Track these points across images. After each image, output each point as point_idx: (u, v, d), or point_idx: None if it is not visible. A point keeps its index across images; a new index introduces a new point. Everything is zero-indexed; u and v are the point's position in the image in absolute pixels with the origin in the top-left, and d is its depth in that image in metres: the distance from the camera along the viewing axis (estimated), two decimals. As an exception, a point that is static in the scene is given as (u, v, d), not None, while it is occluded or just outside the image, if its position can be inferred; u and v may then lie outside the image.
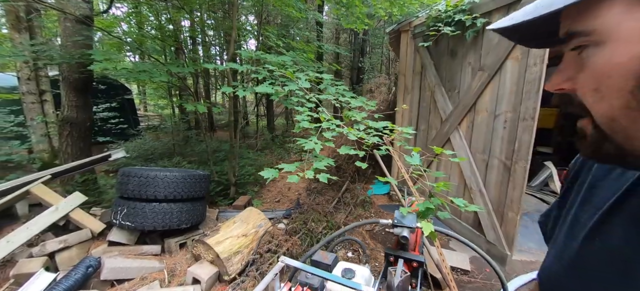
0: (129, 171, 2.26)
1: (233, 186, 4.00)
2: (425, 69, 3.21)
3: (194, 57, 6.77)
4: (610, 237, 0.36)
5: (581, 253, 0.38)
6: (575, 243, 0.39)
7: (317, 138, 1.66)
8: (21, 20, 4.50)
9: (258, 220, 2.75)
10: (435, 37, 2.79)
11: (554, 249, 0.44)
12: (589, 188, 0.43)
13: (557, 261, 0.42)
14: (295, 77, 2.21)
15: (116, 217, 2.25)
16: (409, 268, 1.38)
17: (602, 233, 0.37)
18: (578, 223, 0.41)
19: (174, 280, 2.16)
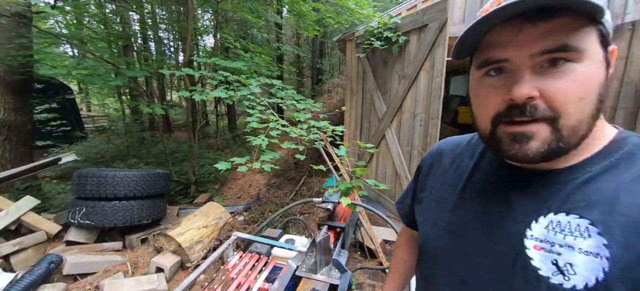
0: (87, 172, 2.35)
1: (193, 185, 4.13)
2: (366, 74, 3.73)
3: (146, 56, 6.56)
4: (471, 204, 0.47)
5: (451, 220, 0.48)
6: (445, 214, 0.50)
7: (265, 136, 2.00)
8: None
9: (218, 213, 3.00)
10: (369, 49, 3.30)
11: (428, 222, 0.54)
12: (443, 174, 0.56)
13: (433, 228, 0.52)
14: (248, 83, 2.52)
15: (74, 217, 2.34)
16: (334, 233, 1.83)
17: (465, 203, 0.48)
18: (443, 200, 0.52)
19: (138, 271, 2.34)
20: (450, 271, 0.47)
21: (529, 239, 0.39)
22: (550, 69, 0.35)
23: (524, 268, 0.38)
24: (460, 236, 0.46)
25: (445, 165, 0.56)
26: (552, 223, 0.38)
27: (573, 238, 0.36)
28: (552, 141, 0.36)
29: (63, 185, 4.18)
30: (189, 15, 3.36)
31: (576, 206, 0.37)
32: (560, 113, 0.35)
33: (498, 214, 0.43)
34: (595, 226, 0.36)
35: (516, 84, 0.36)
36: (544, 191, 0.40)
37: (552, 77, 0.35)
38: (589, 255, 0.35)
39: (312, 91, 10.84)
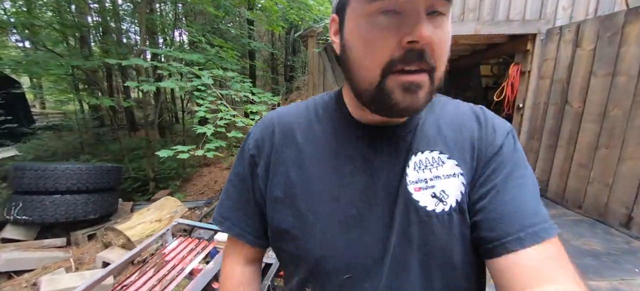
0: (24, 165, 2.23)
1: (152, 181, 4.02)
2: (325, 69, 3.85)
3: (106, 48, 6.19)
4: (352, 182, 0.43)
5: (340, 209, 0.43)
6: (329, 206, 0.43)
7: (214, 125, 2.03)
8: None
9: (174, 207, 2.96)
10: (324, 45, 3.42)
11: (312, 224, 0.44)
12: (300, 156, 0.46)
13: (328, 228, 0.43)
14: (201, 74, 2.52)
15: (10, 212, 2.21)
16: None
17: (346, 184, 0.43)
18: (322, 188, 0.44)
19: (82, 267, 2.26)
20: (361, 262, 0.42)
21: (409, 184, 0.42)
22: (435, 18, 0.34)
23: (416, 212, 0.41)
24: (357, 222, 0.42)
25: (300, 145, 0.46)
26: (417, 163, 0.42)
27: (436, 169, 0.42)
28: (431, 92, 0.37)
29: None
30: (141, 6, 3.26)
31: (425, 143, 0.43)
32: (437, 64, 0.35)
33: (382, 177, 0.43)
34: (443, 154, 0.42)
35: (422, 24, 0.32)
36: (403, 139, 0.44)
37: (436, 26, 0.33)
38: (450, 177, 0.41)
39: (286, 89, 10.83)
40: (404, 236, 0.41)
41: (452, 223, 0.40)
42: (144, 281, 1.27)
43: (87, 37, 6.29)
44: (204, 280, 1.28)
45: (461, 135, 0.44)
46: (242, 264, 0.54)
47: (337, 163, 0.44)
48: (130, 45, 7.81)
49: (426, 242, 0.41)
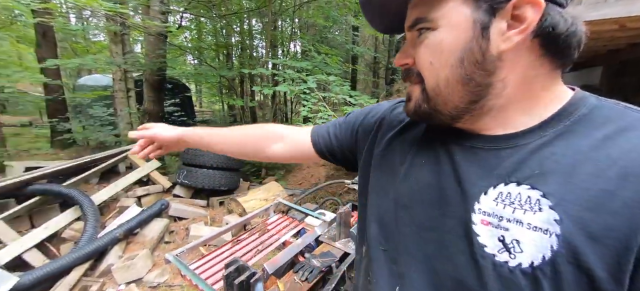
0: (188, 145, 3.19)
1: (264, 168, 4.84)
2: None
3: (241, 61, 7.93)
4: (421, 174, 0.43)
5: (402, 190, 0.44)
6: (395, 185, 0.46)
7: (313, 123, 2.31)
8: (117, 35, 5.97)
9: (277, 191, 3.50)
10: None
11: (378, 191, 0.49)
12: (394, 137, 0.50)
13: (384, 199, 0.47)
14: (307, 79, 2.89)
15: (179, 177, 3.19)
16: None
17: (415, 172, 0.44)
18: (394, 167, 0.47)
19: (214, 224, 3.01)
20: (391, 245, 0.45)
21: (476, 213, 0.36)
22: (419, 38, 0.39)
23: (470, 245, 0.35)
24: (411, 208, 0.43)
25: (396, 129, 0.51)
26: (501, 195, 0.35)
27: (523, 212, 0.33)
28: (421, 101, 0.40)
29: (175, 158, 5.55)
30: (268, 25, 4.00)
31: (529, 174, 0.34)
32: (422, 77, 0.39)
33: (447, 185, 0.39)
34: (547, 199, 0.32)
35: (398, 54, 0.42)
36: (494, 157, 0.37)
37: (418, 45, 0.39)
38: (538, 231, 0.32)
39: (386, 92, 10.72)
40: (449, 257, 0.37)
41: (512, 284, 0.32)
42: (250, 241, 1.62)
43: (231, 54, 8.11)
44: (291, 252, 1.50)
45: (616, 192, 0.29)
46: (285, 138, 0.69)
47: (415, 153, 0.46)
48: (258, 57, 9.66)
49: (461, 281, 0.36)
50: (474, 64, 0.35)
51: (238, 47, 8.85)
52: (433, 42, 0.37)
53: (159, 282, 2.15)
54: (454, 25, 0.35)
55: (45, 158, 5.77)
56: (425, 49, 0.38)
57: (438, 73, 0.37)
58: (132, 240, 2.54)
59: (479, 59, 0.35)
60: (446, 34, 0.36)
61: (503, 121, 0.38)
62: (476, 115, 0.39)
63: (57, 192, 2.54)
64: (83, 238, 2.29)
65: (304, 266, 1.45)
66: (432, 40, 0.37)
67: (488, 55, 0.34)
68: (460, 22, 0.35)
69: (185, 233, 2.80)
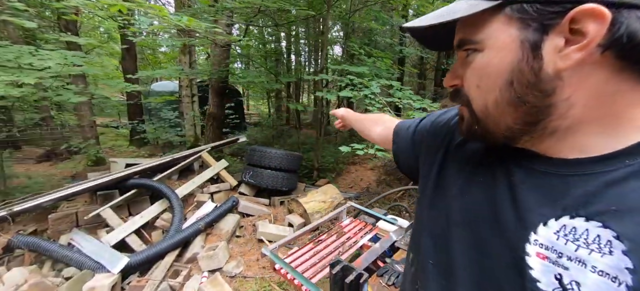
0: (256, 148, 3.43)
1: (316, 170, 4.97)
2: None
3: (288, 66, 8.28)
4: (478, 190, 0.41)
5: (456, 205, 0.43)
6: (450, 198, 0.45)
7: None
8: (186, 46, 6.65)
9: (334, 194, 3.56)
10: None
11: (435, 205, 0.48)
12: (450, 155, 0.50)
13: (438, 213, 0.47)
14: (370, 84, 2.91)
15: (245, 176, 3.45)
16: None
17: (472, 188, 0.42)
18: (450, 183, 0.46)
19: (276, 222, 3.18)
20: (442, 260, 0.44)
21: (531, 244, 0.33)
22: (467, 58, 0.38)
23: (521, 276, 0.33)
24: (462, 227, 0.41)
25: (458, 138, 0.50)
26: (564, 228, 0.31)
27: (588, 252, 0.29)
28: (471, 122, 0.40)
29: (233, 158, 5.99)
30: (325, 32, 4.11)
31: (603, 210, 0.29)
32: (469, 98, 0.39)
33: (502, 208, 0.37)
34: (621, 242, 0.28)
35: (447, 75, 0.42)
36: (561, 184, 0.33)
37: (465, 66, 0.38)
38: (605, 276, 0.28)
39: (435, 93, 10.21)
40: (497, 284, 0.36)
41: None
42: (330, 242, 1.69)
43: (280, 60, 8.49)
44: (372, 256, 1.53)
45: None
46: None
47: (472, 170, 0.44)
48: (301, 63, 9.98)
49: None
50: (525, 85, 0.32)
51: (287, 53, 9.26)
52: (479, 65, 0.36)
53: (235, 273, 2.35)
54: (500, 47, 0.33)
55: (126, 155, 6.69)
56: (472, 71, 0.37)
57: (485, 97, 0.36)
58: (211, 232, 2.81)
59: (531, 79, 0.32)
60: (492, 56, 0.34)
61: (573, 144, 0.34)
62: (537, 137, 0.36)
63: (151, 186, 2.93)
64: (172, 228, 2.61)
65: (388, 271, 1.47)
66: (479, 62, 0.36)
67: (543, 75, 0.31)
68: (507, 43, 0.33)
69: (252, 229, 3.01)
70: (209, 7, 3.87)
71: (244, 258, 2.57)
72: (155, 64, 10.68)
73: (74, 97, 2.98)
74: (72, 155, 5.98)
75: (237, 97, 10.61)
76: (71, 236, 2.53)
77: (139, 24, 2.75)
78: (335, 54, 10.02)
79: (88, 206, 2.89)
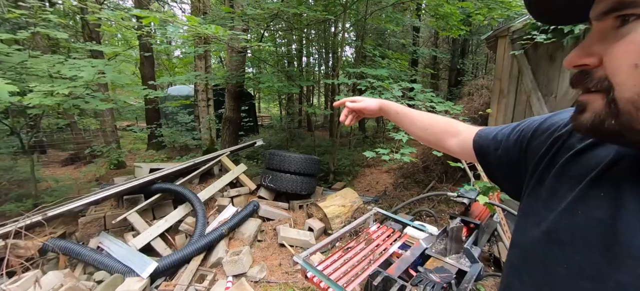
0: (275, 152, 3.45)
1: (332, 173, 4.95)
2: (522, 73, 3.26)
3: (300, 69, 8.32)
4: (591, 209, 0.35)
5: (559, 224, 0.37)
6: (551, 214, 0.39)
7: (405, 132, 2.27)
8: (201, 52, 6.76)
9: (353, 198, 3.53)
10: (529, 44, 2.90)
11: (529, 216, 0.43)
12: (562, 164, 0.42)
13: (532, 227, 0.41)
14: (390, 87, 2.87)
15: (264, 180, 3.46)
16: (467, 229, 1.89)
17: (585, 206, 0.36)
18: (556, 194, 0.40)
19: (296, 226, 3.18)
20: (542, 283, 0.39)
21: None
22: (617, 30, 0.29)
23: None
24: (568, 247, 0.36)
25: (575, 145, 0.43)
26: None
27: None
28: (603, 114, 0.31)
29: (250, 161, 6.05)
30: (342, 35, 4.10)
31: None
32: (612, 84, 0.30)
33: (628, 230, 0.32)
34: None
35: (572, 51, 0.33)
36: None
37: (614, 40, 0.29)
38: None
39: (449, 94, 10.03)
40: None
41: None
42: (360, 249, 1.66)
43: (292, 63, 8.53)
44: (404, 264, 1.49)
45: None
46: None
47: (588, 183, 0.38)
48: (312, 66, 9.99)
49: None
50: None
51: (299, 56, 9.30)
52: (634, 40, 0.28)
53: (259, 278, 2.36)
54: None
55: (145, 158, 6.87)
56: (630, 46, 0.28)
57: (630, 86, 0.28)
58: (233, 237, 2.84)
59: None
60: None
61: None
62: None
63: (175, 190, 2.99)
64: (196, 233, 2.65)
65: (423, 280, 1.43)
66: (631, 38, 0.28)
67: None
68: None
69: (273, 233, 3.02)
70: (228, 13, 3.93)
71: (267, 263, 2.57)
72: (171, 68, 10.95)
73: (101, 104, 3.08)
74: (94, 158, 6.18)
75: (250, 100, 10.73)
76: (99, 239, 2.61)
77: (167, 33, 2.81)
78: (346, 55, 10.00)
79: (114, 210, 2.98)
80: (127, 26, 3.73)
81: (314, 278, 1.38)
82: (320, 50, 10.15)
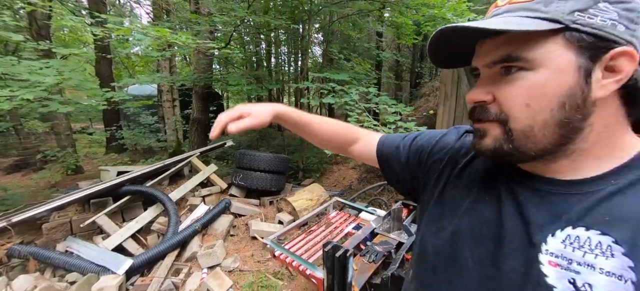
0: (245, 151, 3.65)
1: (301, 171, 5.23)
2: (461, 79, 3.83)
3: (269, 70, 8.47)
4: (483, 210, 0.44)
5: (460, 226, 0.45)
6: (454, 218, 0.47)
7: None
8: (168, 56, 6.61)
9: (320, 192, 3.85)
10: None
11: (433, 222, 0.51)
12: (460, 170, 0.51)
13: (438, 231, 0.49)
14: (350, 91, 3.22)
15: (235, 179, 3.65)
16: (408, 210, 2.29)
17: (478, 209, 0.44)
18: (456, 202, 0.48)
19: (267, 220, 3.42)
20: (450, 281, 0.45)
21: (544, 254, 0.36)
22: (505, 76, 0.38)
23: (537, 285, 0.36)
24: (471, 243, 0.44)
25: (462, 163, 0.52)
26: (569, 237, 0.35)
27: (594, 257, 0.33)
28: (502, 140, 0.39)
29: (220, 162, 6.11)
30: (309, 40, 4.39)
31: (599, 220, 0.34)
32: (508, 116, 0.38)
33: (513, 223, 0.40)
34: (619, 246, 0.32)
35: (472, 90, 0.41)
36: (562, 201, 0.38)
37: (504, 83, 0.38)
38: (612, 276, 0.32)
39: (410, 95, 10.85)
40: None
41: None
42: (320, 232, 1.97)
43: (260, 65, 8.66)
44: (356, 240, 1.84)
45: None
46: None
47: (479, 189, 0.47)
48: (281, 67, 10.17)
49: None
50: (575, 108, 0.35)
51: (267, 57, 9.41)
52: (532, 84, 0.36)
53: (233, 267, 2.57)
54: (559, 69, 0.35)
55: (107, 162, 6.56)
56: (520, 89, 0.37)
57: (534, 117, 0.37)
58: (206, 233, 3.00)
59: (580, 103, 0.35)
60: (549, 76, 0.35)
61: (576, 165, 0.38)
62: (553, 158, 0.39)
63: (145, 192, 3.06)
64: (169, 231, 2.77)
65: (369, 251, 1.78)
66: (532, 81, 0.36)
67: (588, 101, 0.35)
68: (565, 66, 0.34)
69: (245, 228, 3.23)
70: (195, 18, 4.01)
71: (240, 255, 2.78)
72: (131, 67, 10.40)
73: (62, 107, 3.03)
74: (46, 164, 5.79)
75: (218, 100, 10.56)
76: (67, 244, 2.62)
77: (135, 41, 2.82)
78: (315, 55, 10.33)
79: (80, 214, 2.96)
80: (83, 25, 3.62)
81: (281, 256, 1.66)
82: (289, 51, 10.35)
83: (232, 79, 5.26)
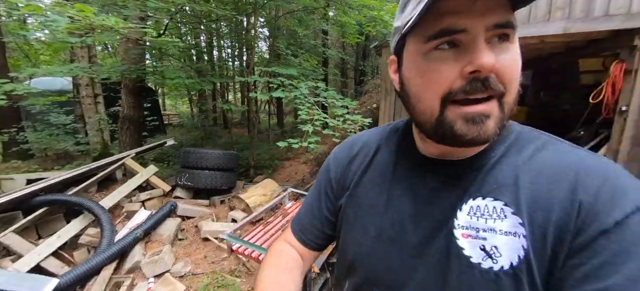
0: (190, 149, 3.41)
1: (252, 168, 5.13)
2: (398, 76, 4.26)
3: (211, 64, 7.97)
4: (400, 204, 0.45)
5: (383, 225, 0.46)
6: (376, 219, 0.47)
7: (311, 124, 2.74)
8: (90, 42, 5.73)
9: (273, 187, 3.86)
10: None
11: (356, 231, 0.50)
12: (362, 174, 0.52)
13: (364, 238, 0.48)
14: (299, 86, 3.29)
15: (180, 179, 3.39)
16: None
17: (394, 205, 0.46)
18: (372, 202, 0.49)
19: (219, 220, 3.29)
20: (387, 278, 0.45)
21: (457, 228, 0.39)
22: (500, 43, 0.34)
23: (457, 258, 0.38)
24: (396, 240, 0.45)
25: (364, 164, 0.52)
26: (472, 208, 0.39)
27: (493, 221, 0.37)
28: (501, 120, 0.36)
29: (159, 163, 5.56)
30: (254, 33, 4.29)
31: (490, 189, 0.38)
32: (507, 89, 0.35)
33: (428, 210, 0.43)
34: (508, 207, 0.37)
35: (480, 53, 0.33)
36: (463, 179, 0.41)
37: (501, 51, 0.34)
38: (509, 235, 0.36)
39: (355, 91, 11.48)
40: (440, 275, 0.40)
41: (500, 286, 0.36)
42: (278, 222, 2.01)
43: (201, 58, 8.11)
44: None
45: (547, 194, 0.36)
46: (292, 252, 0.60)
47: (389, 186, 0.48)
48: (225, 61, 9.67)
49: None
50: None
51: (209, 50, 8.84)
52: (516, 56, 0.35)
53: (185, 272, 2.42)
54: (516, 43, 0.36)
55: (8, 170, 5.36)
56: (513, 61, 0.35)
57: (517, 89, 0.36)
58: (150, 239, 2.74)
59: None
60: (518, 51, 0.36)
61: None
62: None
63: (67, 201, 2.63)
64: (103, 242, 2.46)
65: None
66: (515, 53, 0.35)
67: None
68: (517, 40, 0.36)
69: (195, 230, 3.05)
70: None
71: (191, 258, 2.63)
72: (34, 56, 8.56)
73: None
74: None
75: (152, 96, 9.53)
76: (-42, 273, 2.11)
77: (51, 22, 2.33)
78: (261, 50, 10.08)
79: (-25, 235, 2.41)
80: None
81: (239, 248, 1.65)
82: (233, 45, 9.87)
83: (170, 72, 4.81)
